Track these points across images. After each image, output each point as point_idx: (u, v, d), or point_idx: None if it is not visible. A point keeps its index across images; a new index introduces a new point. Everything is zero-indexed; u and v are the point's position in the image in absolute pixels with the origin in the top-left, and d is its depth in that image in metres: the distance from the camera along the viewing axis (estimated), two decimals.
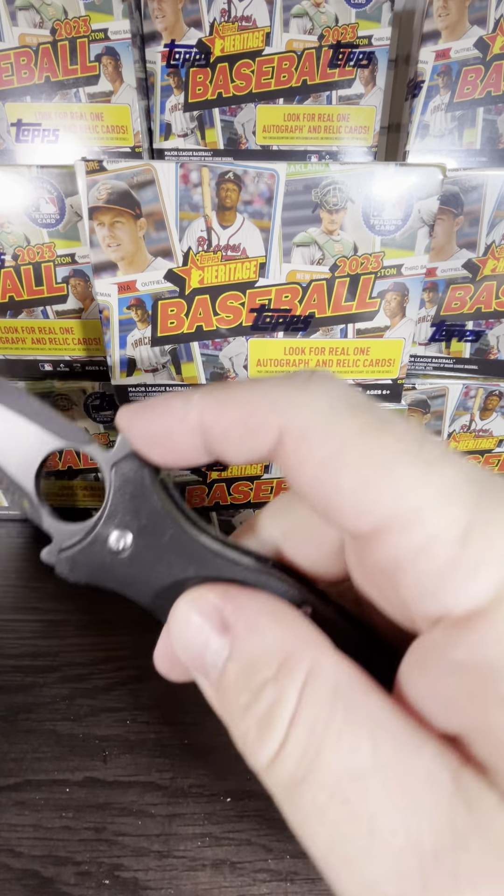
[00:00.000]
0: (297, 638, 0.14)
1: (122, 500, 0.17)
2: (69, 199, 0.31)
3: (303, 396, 0.14)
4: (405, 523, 0.12)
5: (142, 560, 0.17)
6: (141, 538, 0.17)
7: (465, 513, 0.12)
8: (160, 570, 0.17)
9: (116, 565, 0.17)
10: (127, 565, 0.17)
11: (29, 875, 0.22)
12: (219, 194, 0.27)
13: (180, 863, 0.23)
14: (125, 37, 0.39)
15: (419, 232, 0.29)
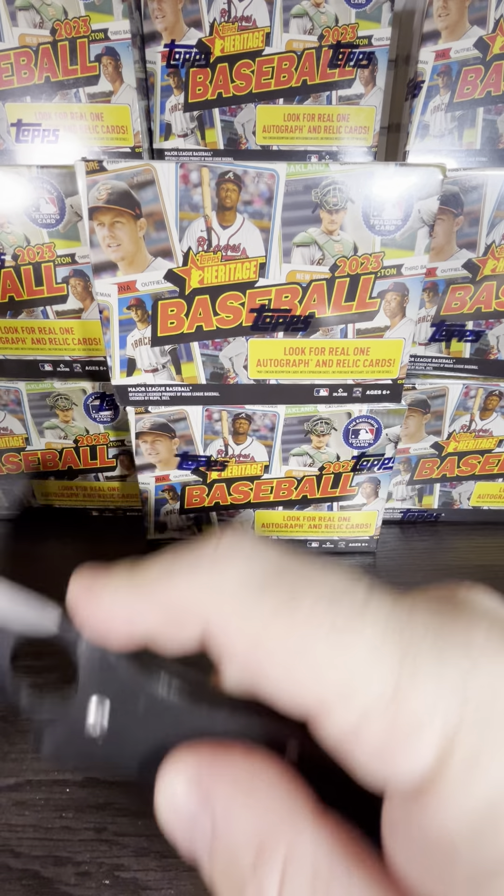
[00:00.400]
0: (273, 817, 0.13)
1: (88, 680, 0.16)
2: (69, 200, 0.31)
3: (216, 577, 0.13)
4: (337, 701, 0.11)
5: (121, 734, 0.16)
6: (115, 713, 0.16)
7: (390, 674, 0.11)
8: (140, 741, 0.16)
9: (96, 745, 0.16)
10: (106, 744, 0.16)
11: (29, 875, 0.22)
12: (219, 194, 0.27)
13: (180, 863, 0.23)
14: (125, 37, 0.39)
15: (419, 232, 0.29)
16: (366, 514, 0.38)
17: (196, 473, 0.36)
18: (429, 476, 0.42)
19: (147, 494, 0.37)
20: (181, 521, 0.39)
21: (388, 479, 0.37)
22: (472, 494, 0.42)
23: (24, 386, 0.37)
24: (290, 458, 0.36)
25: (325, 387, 0.33)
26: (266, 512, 0.38)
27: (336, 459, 0.36)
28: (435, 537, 0.43)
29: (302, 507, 0.38)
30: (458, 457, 0.41)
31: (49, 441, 0.40)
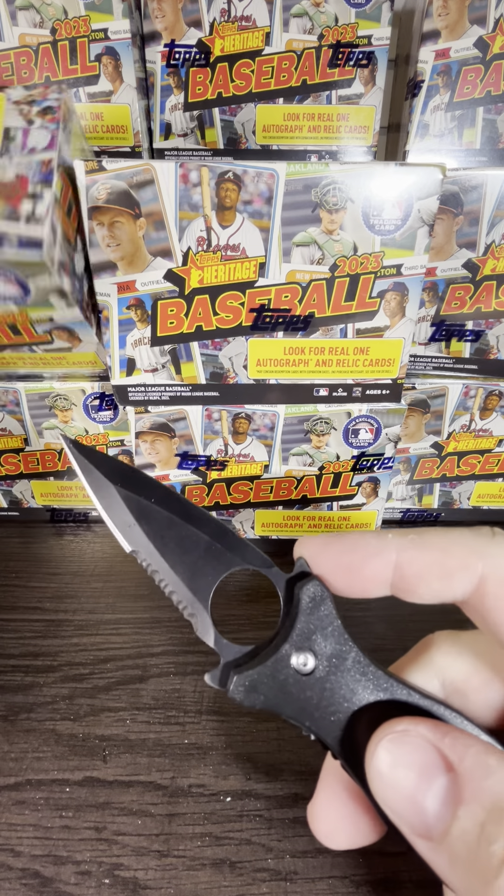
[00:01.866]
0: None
1: (306, 621, 0.17)
2: None
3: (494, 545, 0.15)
4: None
5: (326, 683, 0.16)
6: (325, 659, 0.16)
7: None
8: (341, 696, 0.16)
9: (299, 687, 0.16)
10: (309, 688, 0.16)
11: (29, 874, 0.22)
12: (218, 194, 0.27)
13: (180, 862, 0.23)
14: (125, 37, 0.39)
15: (419, 232, 0.29)
16: (366, 514, 0.38)
17: (196, 473, 0.36)
18: (429, 476, 0.42)
19: None
20: None
21: (388, 479, 0.37)
22: (471, 494, 0.42)
23: (22, 386, 0.37)
24: (290, 458, 0.36)
25: (324, 386, 0.33)
26: (266, 511, 0.38)
27: (336, 459, 0.36)
28: None
29: (302, 507, 0.38)
30: (457, 456, 0.41)
31: (48, 442, 0.40)
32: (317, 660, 0.16)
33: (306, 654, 0.16)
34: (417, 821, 0.13)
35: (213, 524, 0.18)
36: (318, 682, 0.16)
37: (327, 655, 0.16)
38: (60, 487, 0.42)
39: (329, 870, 0.22)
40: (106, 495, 0.18)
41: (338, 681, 0.16)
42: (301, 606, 0.17)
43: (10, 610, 0.35)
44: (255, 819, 0.24)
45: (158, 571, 0.18)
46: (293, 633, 0.17)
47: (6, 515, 0.44)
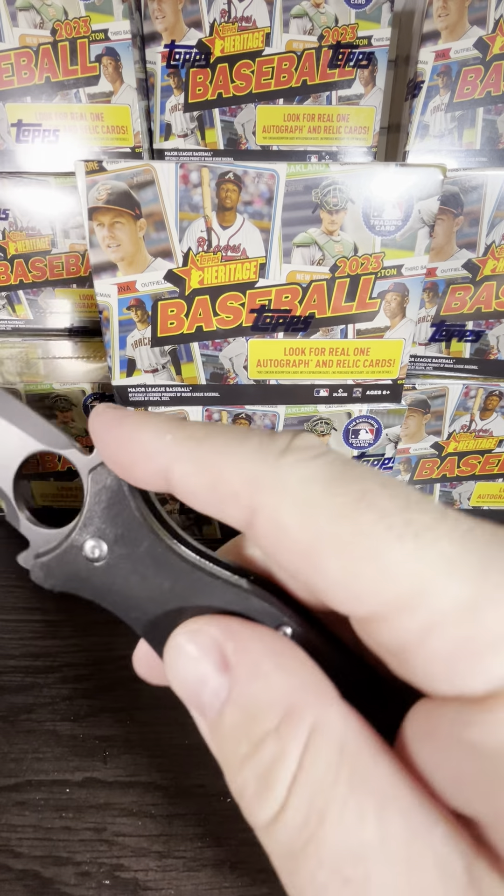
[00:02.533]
0: (302, 687, 0.13)
1: (98, 507, 0.16)
2: None
3: (277, 471, 0.13)
4: (404, 606, 0.11)
5: (117, 570, 0.16)
6: (116, 547, 0.16)
7: (468, 587, 0.11)
8: (135, 582, 0.16)
9: (92, 574, 0.16)
10: (102, 575, 0.16)
11: (29, 875, 0.22)
12: (219, 195, 0.27)
13: (180, 863, 0.23)
14: (125, 37, 0.39)
15: (419, 232, 0.29)
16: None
17: None
18: (429, 476, 0.42)
19: None
20: (181, 521, 0.39)
21: None
22: (472, 494, 0.42)
23: (22, 387, 0.37)
24: None
25: (325, 387, 0.33)
26: None
27: None
28: None
29: None
30: (458, 457, 0.41)
31: None
32: (108, 547, 0.16)
33: (98, 541, 0.16)
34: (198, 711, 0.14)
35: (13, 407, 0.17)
36: (108, 569, 0.16)
37: (120, 543, 0.16)
38: (60, 488, 0.42)
39: None
40: None
41: (129, 568, 0.16)
42: (92, 493, 0.16)
43: (10, 610, 0.35)
44: None
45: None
46: (83, 520, 0.16)
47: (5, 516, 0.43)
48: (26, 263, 0.43)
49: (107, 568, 0.16)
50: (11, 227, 0.42)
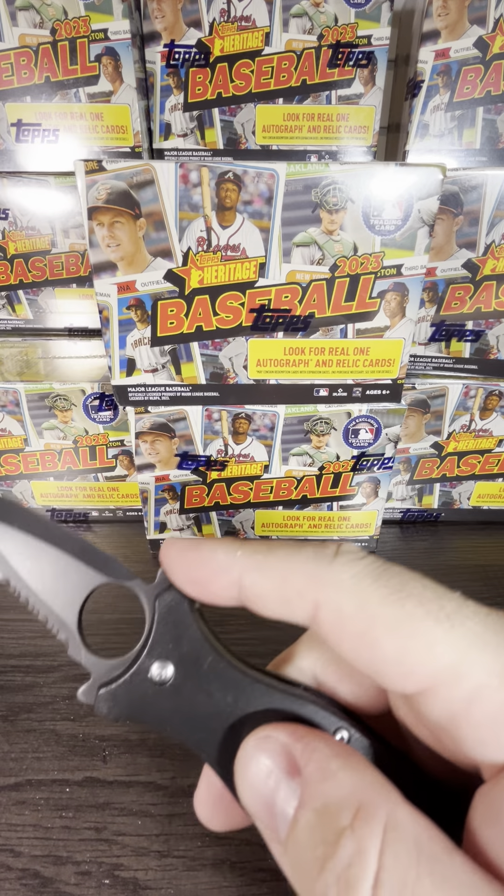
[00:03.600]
0: (371, 786, 0.13)
1: (163, 630, 0.17)
2: None
3: (332, 570, 0.15)
4: (449, 679, 0.13)
5: (183, 690, 0.17)
6: (181, 667, 0.17)
7: (497, 659, 0.13)
8: (200, 700, 0.17)
9: (158, 697, 0.17)
10: (168, 697, 0.17)
11: (29, 875, 0.22)
12: (218, 194, 0.27)
13: (180, 863, 0.23)
14: (125, 37, 0.39)
15: (419, 232, 0.29)
16: (366, 514, 0.38)
17: (196, 473, 0.36)
18: (429, 476, 0.42)
19: (147, 494, 0.37)
20: (181, 521, 0.39)
21: (388, 479, 0.37)
22: (471, 494, 0.42)
23: (22, 387, 0.37)
24: (290, 458, 0.36)
25: (324, 387, 0.33)
26: (266, 512, 0.38)
27: (336, 459, 0.36)
28: (435, 537, 0.43)
29: (302, 507, 0.38)
30: (457, 457, 0.41)
31: (48, 442, 0.40)
32: (175, 668, 0.17)
33: (165, 664, 0.17)
34: (270, 824, 0.14)
35: (76, 543, 0.18)
36: (175, 691, 0.17)
37: (185, 663, 0.17)
38: (60, 488, 0.42)
39: None
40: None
41: (195, 687, 0.17)
42: (157, 616, 0.17)
43: (10, 610, 0.35)
44: None
45: (29, 598, 0.18)
46: (150, 644, 0.17)
47: None
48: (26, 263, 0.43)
49: (173, 689, 0.17)
50: (11, 227, 0.42)
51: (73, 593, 0.18)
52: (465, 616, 0.13)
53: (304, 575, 0.15)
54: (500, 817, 0.12)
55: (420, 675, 0.13)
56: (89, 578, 0.18)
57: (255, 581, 0.16)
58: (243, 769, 0.15)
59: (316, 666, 0.18)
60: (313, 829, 0.13)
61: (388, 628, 0.14)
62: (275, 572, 0.16)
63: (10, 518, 0.18)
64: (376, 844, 0.12)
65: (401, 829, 0.12)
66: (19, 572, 0.18)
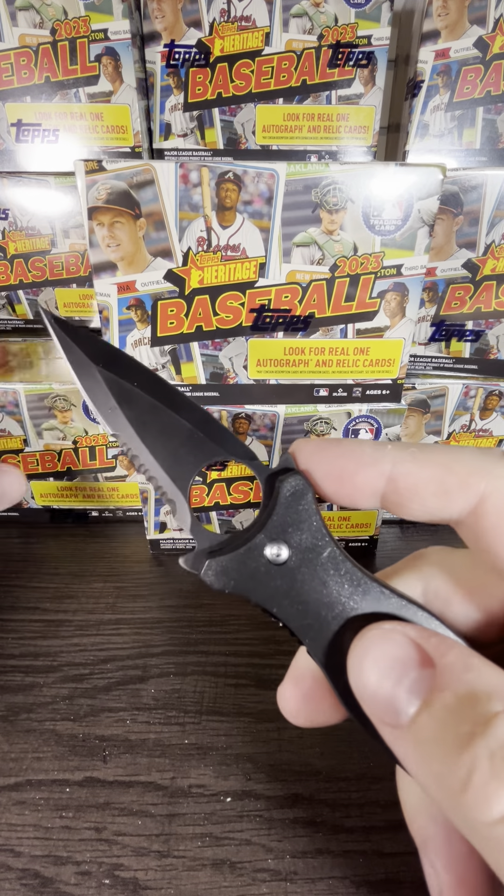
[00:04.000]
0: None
1: (283, 513, 0.17)
2: None
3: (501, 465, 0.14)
4: None
5: (298, 574, 0.17)
6: (299, 552, 0.17)
7: None
8: (315, 587, 0.17)
9: (271, 576, 0.17)
10: (283, 577, 0.17)
11: (29, 875, 0.22)
12: (218, 194, 0.27)
13: (180, 863, 0.23)
14: (125, 37, 0.39)
15: (419, 232, 0.29)
16: (365, 514, 0.38)
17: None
18: None
19: (147, 494, 0.37)
20: None
21: None
22: None
23: (22, 387, 0.37)
24: None
25: (324, 387, 0.33)
26: None
27: None
28: (435, 537, 0.43)
29: None
30: None
31: (47, 442, 0.40)
32: (291, 551, 0.17)
33: (280, 545, 0.17)
34: (389, 708, 0.13)
35: (198, 412, 0.18)
36: (289, 573, 0.17)
37: (302, 548, 0.17)
38: (60, 488, 0.42)
39: (329, 870, 0.22)
40: (88, 376, 0.18)
41: (310, 573, 0.17)
42: (280, 499, 0.17)
43: (10, 610, 0.35)
44: (255, 819, 0.24)
45: (139, 456, 0.18)
46: (269, 524, 0.17)
47: (6, 516, 0.43)
48: (26, 263, 0.43)
49: (288, 570, 0.17)
50: (11, 227, 0.42)
51: (189, 462, 0.18)
52: None
53: (470, 466, 0.15)
54: None
55: None
56: (207, 451, 0.18)
57: (411, 470, 0.15)
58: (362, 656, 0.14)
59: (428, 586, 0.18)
60: (454, 712, 0.12)
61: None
62: (435, 462, 0.15)
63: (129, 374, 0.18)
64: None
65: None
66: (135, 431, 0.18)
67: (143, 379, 0.18)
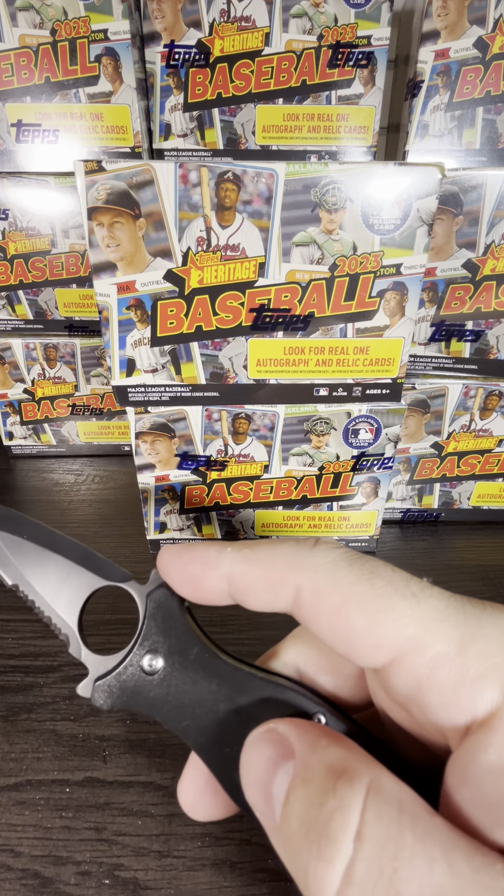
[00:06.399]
0: (354, 755, 0.14)
1: (154, 625, 0.19)
2: None
3: (311, 557, 0.16)
4: (413, 648, 0.14)
5: (171, 679, 0.18)
6: (170, 658, 0.18)
7: (457, 630, 0.14)
8: (188, 688, 0.18)
9: (149, 687, 0.18)
10: (158, 686, 0.18)
11: (29, 875, 0.22)
12: (218, 194, 0.27)
13: (180, 863, 0.23)
14: (125, 37, 0.39)
15: (418, 231, 0.29)
16: (366, 514, 0.38)
17: (196, 473, 0.36)
18: (429, 476, 0.42)
19: (147, 494, 0.37)
20: (181, 521, 0.39)
21: (388, 479, 0.37)
22: (471, 494, 0.42)
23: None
24: (290, 458, 0.36)
25: (324, 386, 0.33)
26: (266, 512, 0.38)
27: (336, 459, 0.36)
28: (435, 537, 0.43)
29: (302, 507, 0.38)
30: (457, 457, 0.41)
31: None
32: (163, 659, 0.18)
33: (155, 656, 0.18)
34: (267, 811, 0.15)
35: (78, 550, 0.20)
36: (164, 680, 0.18)
37: (173, 654, 0.18)
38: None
39: None
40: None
41: (182, 676, 0.18)
42: (148, 612, 0.19)
43: (10, 610, 0.35)
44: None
45: (35, 601, 0.20)
46: (142, 637, 0.19)
47: None
48: (26, 263, 0.43)
49: (162, 679, 0.18)
50: (11, 227, 0.42)
51: (75, 596, 0.20)
52: (429, 595, 0.15)
53: (285, 562, 0.17)
54: (468, 778, 0.13)
55: (388, 645, 0.14)
56: (89, 582, 0.20)
57: (243, 571, 0.17)
58: (245, 761, 0.16)
59: (299, 659, 0.20)
60: (302, 801, 0.13)
61: (360, 604, 0.15)
62: (260, 562, 0.17)
63: (19, 529, 0.20)
64: (359, 802, 0.13)
65: (383, 790, 0.13)
66: (27, 578, 0.20)
67: (31, 530, 0.20)
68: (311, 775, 0.14)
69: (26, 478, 0.50)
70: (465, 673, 0.13)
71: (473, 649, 0.14)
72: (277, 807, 0.14)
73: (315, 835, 0.13)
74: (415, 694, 0.14)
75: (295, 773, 0.14)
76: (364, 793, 0.13)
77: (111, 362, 0.32)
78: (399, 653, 0.14)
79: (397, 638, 0.14)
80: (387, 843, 0.12)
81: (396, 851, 0.12)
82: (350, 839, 0.12)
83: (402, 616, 0.14)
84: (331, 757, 0.14)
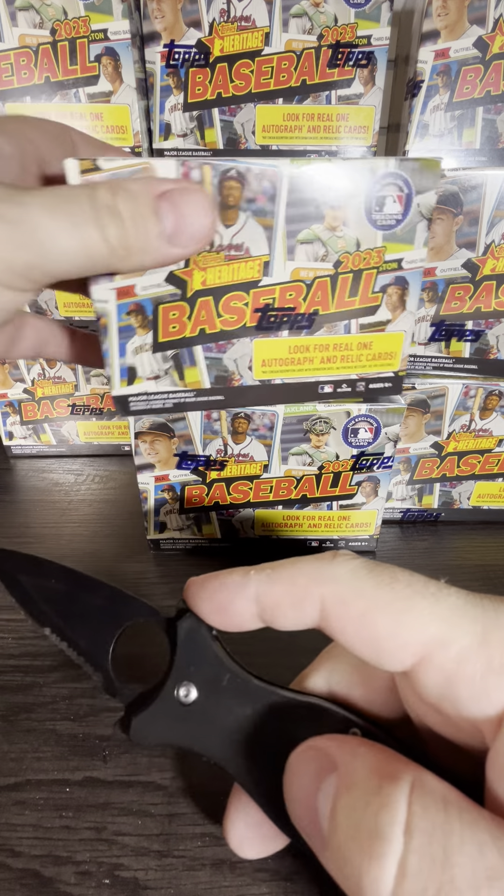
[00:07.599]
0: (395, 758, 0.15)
1: (185, 654, 0.19)
2: None
3: (332, 568, 0.17)
4: (438, 645, 0.15)
5: (207, 708, 0.18)
6: (203, 687, 0.18)
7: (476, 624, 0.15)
8: (224, 716, 0.18)
9: (186, 717, 0.18)
10: (195, 717, 0.18)
11: (29, 875, 0.22)
12: (221, 192, 0.27)
13: (180, 862, 0.23)
14: (125, 37, 0.39)
15: (418, 226, 0.29)
16: (365, 514, 0.38)
17: (195, 473, 0.36)
18: (428, 476, 0.42)
19: (147, 494, 0.37)
20: (181, 521, 0.39)
21: (388, 479, 0.37)
22: (471, 494, 0.42)
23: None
24: (290, 458, 0.36)
25: (329, 383, 0.33)
26: (265, 511, 0.38)
27: (335, 458, 0.36)
28: (435, 537, 0.43)
29: (301, 507, 0.38)
30: (457, 456, 0.41)
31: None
32: (197, 689, 0.18)
33: (188, 685, 0.18)
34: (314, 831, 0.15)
35: (105, 589, 0.20)
36: (200, 709, 0.18)
37: (206, 682, 0.18)
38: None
39: None
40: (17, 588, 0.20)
41: (217, 703, 0.18)
42: (178, 641, 0.19)
43: (11, 610, 0.35)
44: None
45: (66, 643, 0.20)
46: (174, 667, 0.18)
47: None
48: None
49: (198, 708, 0.18)
50: None
51: (106, 635, 0.20)
52: (448, 593, 0.15)
53: (307, 576, 0.17)
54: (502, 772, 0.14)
55: (413, 645, 0.15)
56: (118, 620, 0.20)
57: (268, 590, 0.17)
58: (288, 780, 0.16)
59: (330, 678, 0.20)
60: (348, 807, 0.14)
61: (382, 607, 0.15)
62: (283, 579, 0.17)
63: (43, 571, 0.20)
64: (404, 797, 0.13)
65: (427, 786, 0.13)
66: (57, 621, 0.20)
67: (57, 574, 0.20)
68: (354, 781, 0.14)
69: (26, 478, 0.50)
70: (490, 663, 0.14)
71: (495, 640, 0.14)
72: (324, 821, 0.14)
73: (364, 834, 0.13)
74: (445, 691, 0.15)
75: (339, 783, 0.14)
76: (409, 788, 0.13)
77: (110, 371, 0.31)
78: (425, 651, 0.15)
79: (421, 636, 0.15)
80: (435, 832, 0.12)
81: (446, 839, 0.12)
82: (400, 832, 0.12)
83: (423, 615, 0.15)
84: (372, 761, 0.14)
